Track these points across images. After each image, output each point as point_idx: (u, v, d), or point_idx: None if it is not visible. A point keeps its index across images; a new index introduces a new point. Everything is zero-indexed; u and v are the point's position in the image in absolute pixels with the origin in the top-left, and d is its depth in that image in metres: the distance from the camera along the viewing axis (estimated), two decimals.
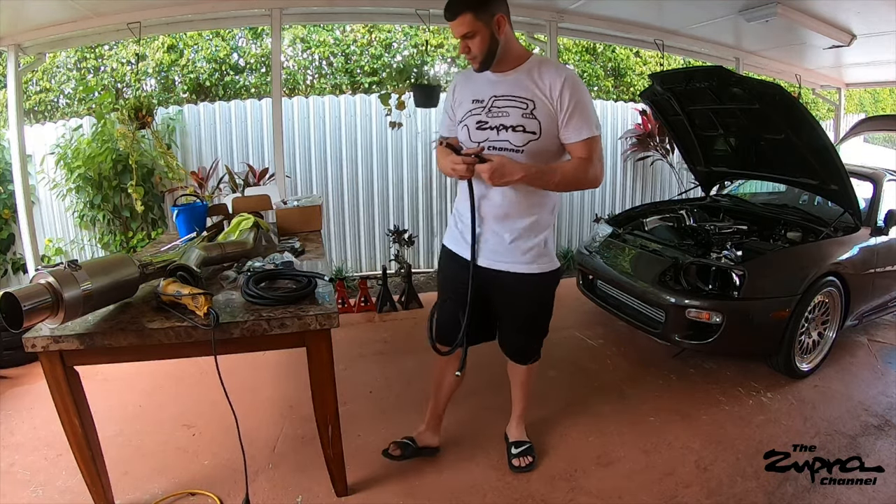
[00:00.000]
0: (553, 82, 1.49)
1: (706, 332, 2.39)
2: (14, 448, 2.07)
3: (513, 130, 1.52)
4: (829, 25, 3.72)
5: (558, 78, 1.49)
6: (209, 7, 3.35)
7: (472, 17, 1.45)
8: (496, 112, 1.54)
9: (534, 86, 1.51)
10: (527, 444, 1.97)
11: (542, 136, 1.51)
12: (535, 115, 1.50)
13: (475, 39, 1.47)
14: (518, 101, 1.52)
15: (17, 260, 4.10)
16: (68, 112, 5.36)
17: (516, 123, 1.51)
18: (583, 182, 1.56)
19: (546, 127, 1.51)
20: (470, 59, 1.53)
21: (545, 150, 1.54)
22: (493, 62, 1.53)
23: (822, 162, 2.64)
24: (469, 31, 1.46)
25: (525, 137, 1.51)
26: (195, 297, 1.42)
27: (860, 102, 8.41)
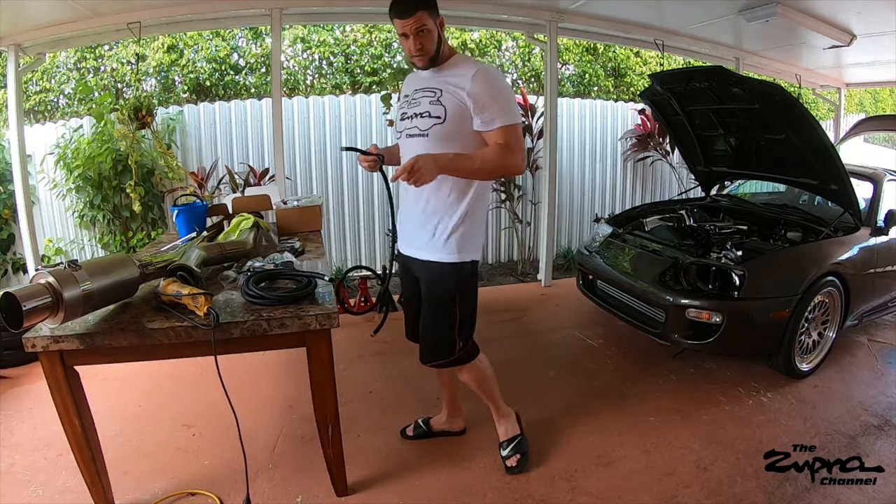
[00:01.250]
0: (464, 74, 1.54)
1: (706, 332, 2.39)
2: (14, 448, 2.07)
3: (420, 117, 1.60)
4: (829, 25, 3.72)
5: (470, 70, 1.54)
6: (209, 7, 3.35)
7: (427, 15, 1.52)
8: (413, 103, 1.64)
9: (447, 77, 1.58)
10: (515, 439, 1.93)
11: (446, 120, 1.56)
12: (441, 101, 1.56)
13: (428, 36, 1.54)
14: (429, 91, 1.60)
15: (17, 260, 4.10)
16: (68, 112, 5.36)
17: (424, 110, 1.59)
18: (500, 167, 1.56)
19: (452, 112, 1.55)
20: (419, 55, 1.56)
21: (451, 133, 1.58)
22: (437, 59, 1.59)
23: (822, 162, 2.64)
24: (424, 27, 1.52)
25: (430, 122, 1.58)
26: (195, 297, 1.42)
27: (860, 102, 8.41)
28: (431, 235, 1.63)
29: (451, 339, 1.68)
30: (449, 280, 1.64)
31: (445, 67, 1.61)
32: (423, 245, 1.66)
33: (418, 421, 2.11)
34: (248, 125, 4.29)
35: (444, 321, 1.67)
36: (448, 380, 2.01)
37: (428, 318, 1.71)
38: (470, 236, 1.65)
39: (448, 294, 1.65)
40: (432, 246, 1.64)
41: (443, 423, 2.10)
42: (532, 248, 4.84)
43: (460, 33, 5.83)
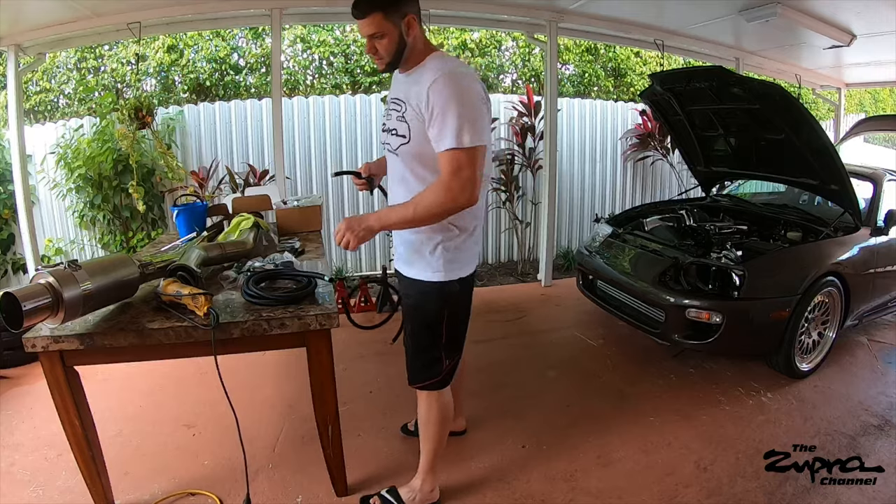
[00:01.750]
0: (424, 83, 1.35)
1: (706, 332, 2.39)
2: (14, 448, 2.07)
3: (391, 133, 1.48)
4: (829, 25, 3.72)
5: (430, 78, 1.34)
6: (209, 7, 3.35)
7: (382, 18, 1.35)
8: (387, 114, 1.53)
9: (410, 87, 1.42)
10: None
11: (411, 140, 1.41)
12: (405, 117, 1.41)
13: (383, 40, 1.39)
14: (396, 104, 1.46)
15: (17, 260, 4.10)
16: (68, 112, 5.36)
17: (392, 126, 1.47)
18: (440, 210, 1.35)
19: (416, 131, 1.40)
20: (376, 59, 1.44)
21: (420, 154, 1.42)
22: (400, 64, 1.44)
23: (822, 162, 2.64)
24: (378, 32, 1.37)
25: (398, 141, 1.45)
26: (195, 297, 1.42)
27: (860, 102, 8.41)
28: (415, 252, 1.52)
29: (437, 358, 1.56)
30: (431, 299, 1.52)
31: (415, 72, 1.44)
32: (408, 261, 1.56)
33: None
34: (248, 125, 4.29)
35: (427, 340, 1.56)
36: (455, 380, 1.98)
37: (412, 337, 1.61)
38: (457, 253, 1.50)
39: (431, 314, 1.53)
40: (416, 263, 1.53)
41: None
42: (532, 248, 4.84)
43: (460, 33, 5.83)
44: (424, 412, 1.64)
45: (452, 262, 1.50)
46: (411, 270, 1.55)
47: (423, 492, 1.70)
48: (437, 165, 1.37)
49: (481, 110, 1.36)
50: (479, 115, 1.35)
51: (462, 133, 1.30)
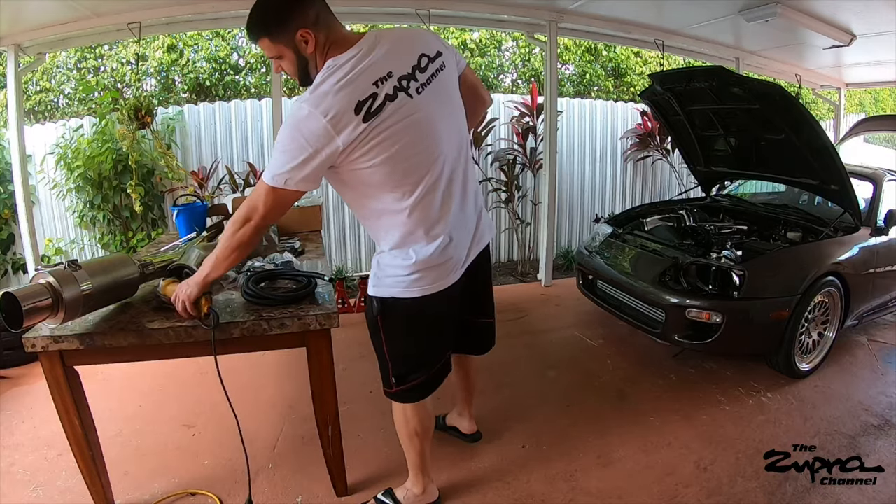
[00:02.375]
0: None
1: (706, 332, 2.39)
2: (14, 448, 2.07)
3: None
4: (829, 25, 3.72)
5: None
6: (209, 7, 3.35)
7: (269, 42, 1.28)
8: None
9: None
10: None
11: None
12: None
13: (283, 61, 1.32)
14: None
15: (17, 260, 4.10)
16: (68, 112, 5.36)
17: None
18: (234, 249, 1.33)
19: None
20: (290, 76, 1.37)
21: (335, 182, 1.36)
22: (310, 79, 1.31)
23: (822, 162, 2.64)
24: (273, 55, 1.31)
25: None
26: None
27: (860, 102, 8.41)
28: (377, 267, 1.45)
29: (386, 371, 1.52)
30: (370, 311, 1.48)
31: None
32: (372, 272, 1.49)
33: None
34: (248, 125, 4.29)
35: (378, 353, 1.53)
36: (459, 383, 1.95)
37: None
38: (388, 269, 1.40)
39: (370, 325, 1.50)
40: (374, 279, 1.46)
41: (454, 418, 2.07)
42: (532, 248, 4.84)
43: (460, 33, 5.84)
44: (396, 419, 1.62)
45: (390, 280, 1.40)
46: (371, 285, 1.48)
47: (413, 493, 1.69)
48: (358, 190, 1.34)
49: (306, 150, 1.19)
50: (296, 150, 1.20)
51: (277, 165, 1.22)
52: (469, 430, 2.05)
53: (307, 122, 1.19)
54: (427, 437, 1.63)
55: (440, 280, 1.40)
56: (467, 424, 2.05)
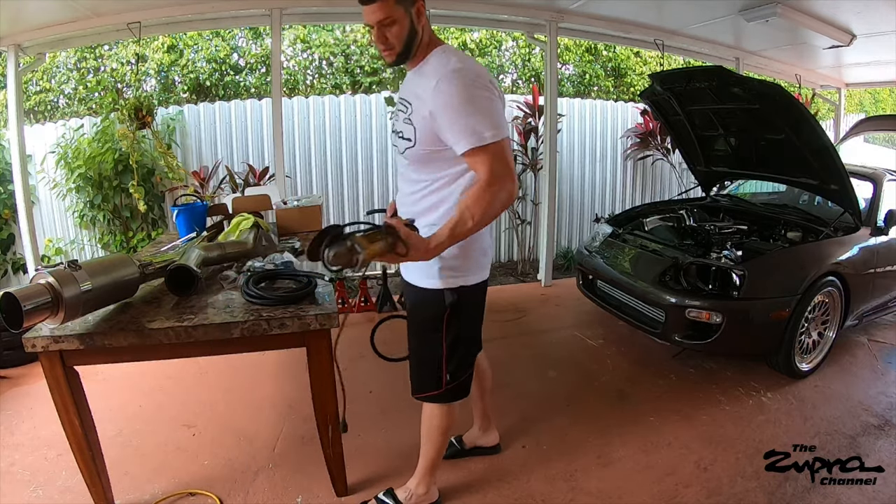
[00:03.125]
0: (428, 82, 1.27)
1: (706, 332, 2.39)
2: (14, 448, 2.07)
3: (398, 136, 1.40)
4: (829, 25, 3.72)
5: (435, 76, 1.26)
6: (209, 7, 3.35)
7: (393, 1, 1.26)
8: (394, 115, 1.45)
9: (416, 86, 1.33)
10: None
11: (417, 143, 1.33)
12: (412, 119, 1.33)
13: (393, 28, 1.28)
14: (403, 104, 1.38)
15: (17, 260, 4.10)
16: (68, 112, 5.36)
17: (399, 129, 1.39)
18: (494, 209, 1.26)
19: (422, 133, 1.31)
20: (385, 50, 1.33)
21: (427, 157, 1.35)
22: (411, 56, 1.34)
23: (822, 162, 2.64)
24: (387, 18, 1.27)
25: (404, 144, 1.37)
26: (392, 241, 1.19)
27: (860, 102, 8.41)
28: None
29: (434, 370, 1.49)
30: (429, 307, 1.44)
31: (420, 68, 1.35)
32: (408, 267, 1.48)
33: (451, 439, 1.94)
34: (248, 125, 4.29)
35: (429, 351, 1.49)
36: (478, 391, 1.89)
37: (411, 344, 1.55)
38: (455, 261, 1.40)
39: (429, 322, 1.46)
40: (416, 267, 1.43)
41: (475, 437, 1.99)
42: (532, 248, 4.84)
43: (460, 33, 5.83)
44: (426, 419, 1.61)
45: (455, 270, 1.41)
46: (410, 274, 1.48)
47: (416, 494, 1.68)
48: (448, 167, 1.33)
49: (494, 102, 1.27)
50: (492, 107, 1.25)
51: (485, 126, 1.22)
52: (494, 442, 2.00)
53: (477, 77, 1.26)
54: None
55: (480, 273, 1.47)
56: (493, 436, 2.00)
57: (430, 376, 1.52)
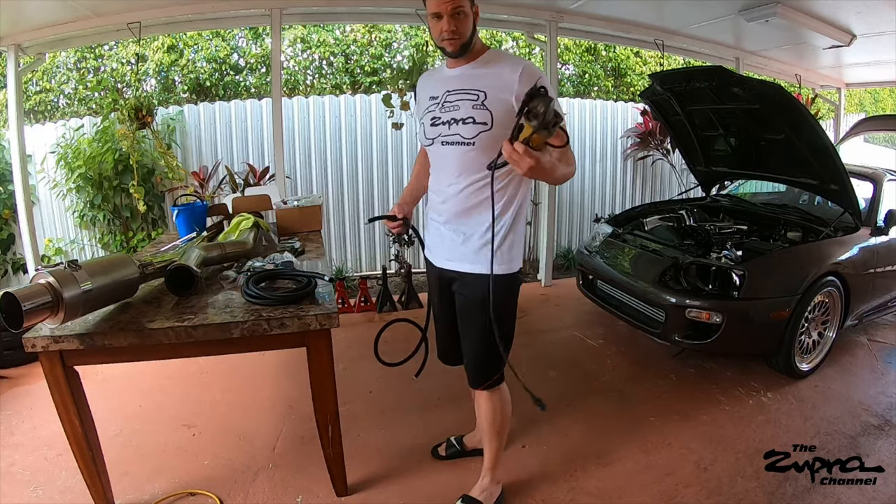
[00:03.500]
0: (508, 74, 1.42)
1: (706, 332, 2.39)
2: (14, 448, 2.07)
3: (463, 123, 1.46)
4: (829, 25, 3.72)
5: (515, 69, 1.41)
6: (209, 7, 3.35)
7: None
8: (448, 107, 1.49)
9: (487, 77, 1.45)
10: None
11: (494, 126, 1.43)
12: (486, 105, 1.43)
13: (465, 19, 1.42)
14: (469, 94, 1.46)
15: (17, 260, 4.10)
16: (68, 112, 5.36)
17: (466, 116, 1.45)
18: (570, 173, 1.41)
19: (499, 117, 1.42)
20: (451, 38, 1.43)
21: (499, 140, 1.41)
22: (469, 49, 1.47)
23: (822, 162, 2.64)
24: (459, 7, 1.39)
25: (475, 129, 1.45)
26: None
27: (860, 102, 8.41)
28: (483, 248, 1.50)
29: (499, 354, 1.51)
30: (502, 294, 1.51)
31: (481, 64, 1.48)
32: (473, 258, 1.52)
33: (451, 439, 2.00)
34: (248, 125, 4.29)
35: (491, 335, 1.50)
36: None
37: (474, 335, 1.57)
38: (516, 248, 1.54)
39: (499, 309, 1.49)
40: (484, 259, 1.48)
41: (477, 440, 1.95)
42: (532, 248, 4.84)
43: None
44: (491, 411, 1.64)
45: (514, 255, 1.54)
46: (477, 266, 1.51)
47: (491, 490, 1.72)
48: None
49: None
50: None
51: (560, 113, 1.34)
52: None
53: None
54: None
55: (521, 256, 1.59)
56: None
57: (493, 361, 1.58)
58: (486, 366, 1.59)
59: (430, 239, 1.67)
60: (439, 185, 1.57)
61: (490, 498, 1.70)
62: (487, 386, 1.61)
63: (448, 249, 1.58)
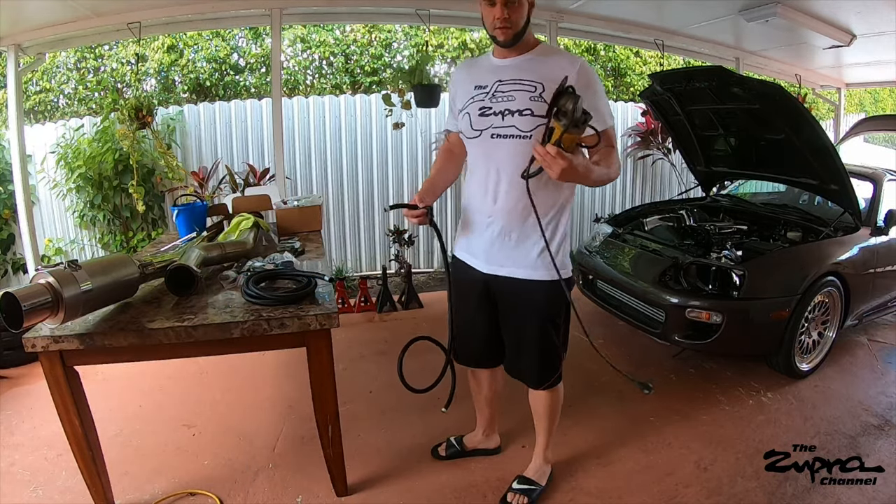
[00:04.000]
0: (567, 66, 1.38)
1: (706, 332, 2.39)
2: (14, 448, 2.07)
3: (519, 115, 1.40)
4: (829, 25, 3.72)
5: (573, 64, 1.40)
6: (209, 7, 3.35)
7: None
8: (500, 97, 1.43)
9: (543, 69, 1.41)
10: (534, 487, 1.75)
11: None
12: (545, 97, 1.36)
13: (519, 8, 1.41)
14: (525, 84, 1.41)
15: (17, 260, 4.10)
16: (68, 112, 5.36)
17: (523, 107, 1.40)
18: (613, 175, 1.45)
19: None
20: (504, 27, 1.41)
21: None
22: (521, 40, 1.46)
23: (822, 162, 2.64)
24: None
25: (533, 121, 1.39)
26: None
27: (860, 102, 8.41)
28: (537, 251, 1.47)
29: (558, 355, 1.61)
30: (559, 299, 1.53)
31: (536, 57, 1.46)
32: (522, 262, 1.49)
33: (451, 439, 2.00)
34: (248, 125, 4.29)
35: (552, 337, 1.57)
36: (490, 397, 1.89)
37: (534, 338, 1.58)
38: (566, 252, 1.56)
39: (558, 309, 1.56)
40: (542, 265, 1.48)
41: (478, 441, 1.99)
42: None
43: (460, 33, 5.83)
44: (549, 406, 1.71)
45: (567, 260, 1.56)
46: (538, 273, 1.50)
47: (543, 468, 1.81)
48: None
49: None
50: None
51: (611, 112, 1.46)
52: (495, 445, 2.01)
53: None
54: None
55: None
56: (495, 440, 2.01)
57: (552, 363, 1.62)
58: (547, 369, 1.62)
59: (471, 241, 1.59)
60: (487, 181, 1.49)
61: (542, 477, 1.80)
62: (549, 386, 1.65)
63: (498, 254, 1.52)
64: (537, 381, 1.65)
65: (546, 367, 1.62)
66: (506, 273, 1.53)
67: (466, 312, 1.67)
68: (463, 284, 1.66)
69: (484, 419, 1.97)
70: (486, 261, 1.56)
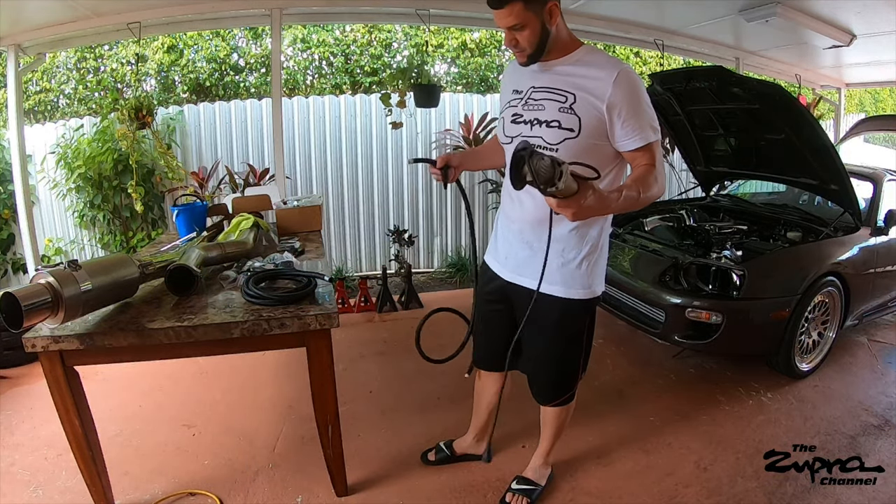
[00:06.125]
0: (602, 78, 1.28)
1: (706, 332, 2.39)
2: (14, 448, 2.07)
3: (547, 126, 1.34)
4: (829, 25, 3.71)
5: (610, 73, 1.28)
6: (209, 7, 3.35)
7: (522, 8, 1.27)
8: (532, 105, 1.38)
9: (578, 78, 1.33)
10: (534, 487, 1.76)
11: (581, 134, 1.31)
12: (575, 109, 1.31)
13: (524, 32, 1.30)
14: (557, 94, 1.34)
15: (17, 260, 4.10)
16: (68, 112, 5.36)
17: (551, 118, 1.34)
18: (654, 197, 1.27)
19: (587, 125, 1.31)
20: (517, 52, 1.36)
21: (585, 149, 1.32)
22: (545, 53, 1.35)
23: (822, 162, 2.64)
24: (518, 23, 1.29)
25: (560, 134, 1.33)
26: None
27: (860, 102, 8.41)
28: (562, 268, 1.42)
29: (574, 374, 1.57)
30: (578, 317, 1.49)
31: (572, 63, 1.35)
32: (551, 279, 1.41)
33: (440, 444, 1.98)
34: (248, 125, 4.29)
35: (571, 356, 1.55)
36: (492, 406, 1.82)
37: (551, 355, 1.55)
38: (596, 269, 1.47)
39: (576, 329, 1.52)
40: (562, 280, 1.43)
41: (467, 446, 1.96)
42: None
43: (460, 33, 5.83)
44: (558, 422, 1.72)
45: (597, 273, 1.48)
46: (554, 288, 1.44)
47: (542, 470, 1.81)
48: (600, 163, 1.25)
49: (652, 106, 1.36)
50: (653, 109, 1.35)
51: (657, 125, 1.33)
52: (481, 451, 1.95)
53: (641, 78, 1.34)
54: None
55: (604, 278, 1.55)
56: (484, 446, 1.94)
57: (569, 381, 1.62)
58: (559, 387, 1.61)
59: (499, 245, 1.59)
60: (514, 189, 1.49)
61: (542, 477, 1.80)
62: (558, 404, 1.65)
63: (517, 263, 1.51)
64: (547, 398, 1.65)
65: (560, 387, 1.61)
66: (525, 284, 1.49)
67: (485, 314, 1.68)
68: (486, 283, 1.66)
69: (478, 424, 1.94)
70: (507, 267, 1.55)
